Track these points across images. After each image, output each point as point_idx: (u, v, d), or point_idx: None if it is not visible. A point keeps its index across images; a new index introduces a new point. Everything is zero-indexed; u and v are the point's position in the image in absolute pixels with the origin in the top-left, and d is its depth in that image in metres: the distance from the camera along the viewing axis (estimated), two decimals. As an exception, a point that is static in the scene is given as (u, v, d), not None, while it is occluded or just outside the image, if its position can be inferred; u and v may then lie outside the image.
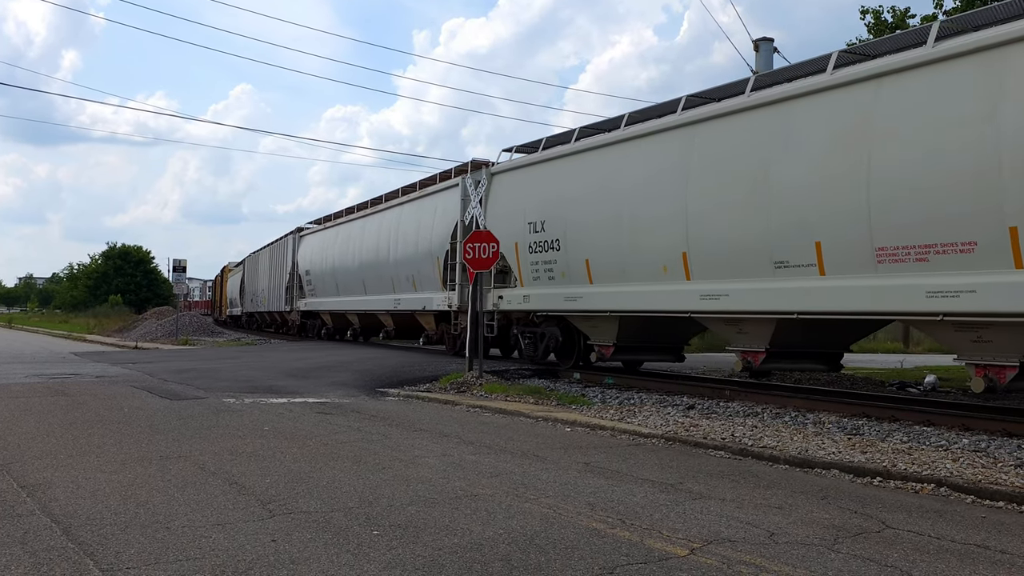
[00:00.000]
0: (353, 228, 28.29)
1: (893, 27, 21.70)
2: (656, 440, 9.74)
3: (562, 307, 15.97)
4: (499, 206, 17.84)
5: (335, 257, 29.54)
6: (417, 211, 22.61)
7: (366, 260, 26.26)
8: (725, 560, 5.03)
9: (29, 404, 12.35)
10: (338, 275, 29.22)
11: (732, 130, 12.44)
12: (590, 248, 15.10)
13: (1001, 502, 6.73)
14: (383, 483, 7.07)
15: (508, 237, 16.76)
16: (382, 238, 25.00)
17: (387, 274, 24.37)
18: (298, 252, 34.52)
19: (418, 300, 22.06)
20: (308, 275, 32.91)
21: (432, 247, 21.08)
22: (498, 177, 18.26)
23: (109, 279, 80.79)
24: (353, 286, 27.59)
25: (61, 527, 5.55)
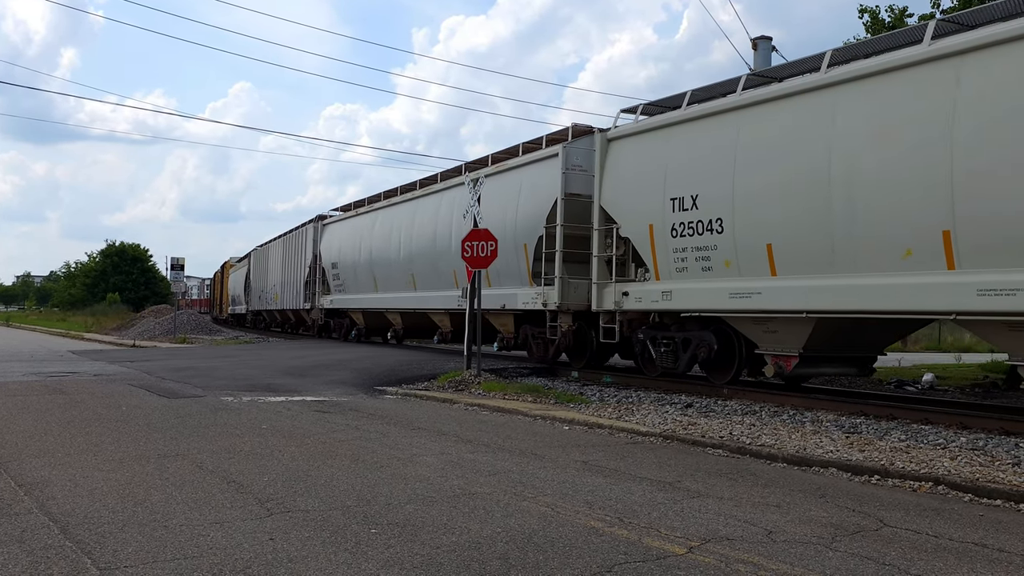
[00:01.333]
0: (398, 213, 24.18)
1: (890, 26, 21.70)
2: (654, 438, 9.74)
3: (724, 306, 12.72)
4: (621, 180, 14.73)
5: (373, 247, 25.57)
6: (493, 189, 18.41)
7: (418, 250, 22.42)
8: (723, 558, 5.04)
9: (27, 402, 12.34)
10: (377, 268, 25.37)
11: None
12: (773, 229, 11.85)
13: (999, 500, 6.74)
14: (381, 481, 7.06)
15: (636, 218, 14.30)
16: (441, 224, 20.95)
17: (447, 266, 20.35)
18: (320, 243, 30.73)
19: (494, 297, 18.10)
20: (335, 268, 29.10)
21: (517, 233, 17.38)
22: (619, 144, 15.01)
23: (107, 277, 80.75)
24: (397, 281, 23.76)
25: (59, 525, 5.54)
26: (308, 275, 31.93)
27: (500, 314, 18.63)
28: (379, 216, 25.70)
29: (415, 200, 23.27)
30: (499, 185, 18.29)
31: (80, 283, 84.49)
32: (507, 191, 18.08)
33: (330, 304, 30.02)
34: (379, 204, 26.15)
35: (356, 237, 27.23)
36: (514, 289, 17.66)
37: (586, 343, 16.45)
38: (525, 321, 17.93)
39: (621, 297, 14.70)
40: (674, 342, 14.09)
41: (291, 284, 34.63)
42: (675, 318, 14.10)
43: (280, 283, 36.73)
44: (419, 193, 23.12)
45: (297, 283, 33.45)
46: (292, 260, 34.62)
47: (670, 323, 14.29)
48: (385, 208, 25.48)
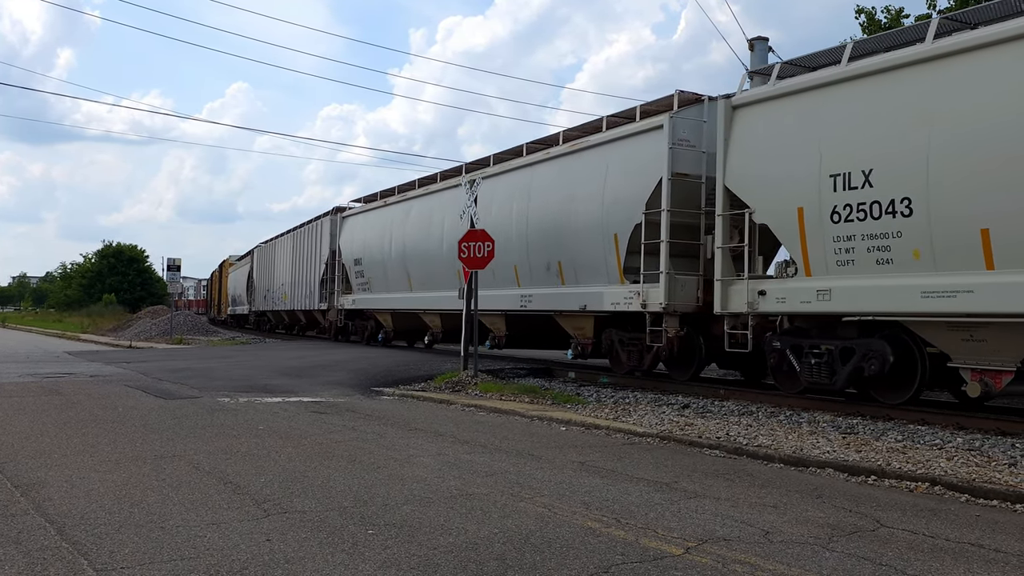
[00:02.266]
0: (440, 202, 21.09)
1: (887, 27, 21.75)
2: (651, 439, 9.75)
3: (912, 308, 10.24)
4: (754, 154, 12.21)
5: (407, 241, 22.61)
6: (569, 171, 16.17)
7: None
8: (720, 559, 5.04)
9: (23, 403, 12.31)
10: (412, 264, 22.48)
11: None
12: (992, 209, 9.39)
13: (995, 501, 6.76)
14: (378, 482, 7.06)
15: (777, 200, 11.80)
16: (500, 213, 18.21)
17: (506, 261, 17.62)
18: (340, 237, 28.03)
19: (571, 297, 15.85)
20: (358, 265, 26.26)
21: (605, 220, 14.95)
22: (749, 112, 12.42)
23: (103, 278, 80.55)
24: (438, 278, 20.76)
25: (55, 527, 5.53)
26: (324, 273, 29.34)
27: (575, 316, 16.17)
28: (414, 206, 22.71)
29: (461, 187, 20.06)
30: (573, 166, 15.95)
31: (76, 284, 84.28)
32: (586, 172, 15.57)
33: (351, 304, 27.26)
34: (413, 193, 23.12)
35: (385, 230, 24.31)
36: (597, 287, 15.16)
37: (692, 351, 14.08)
38: (608, 325, 15.51)
39: (756, 297, 12.08)
40: (829, 353, 11.38)
41: (303, 283, 32.11)
42: (818, 322, 11.80)
43: (290, 282, 34.31)
44: (440, 187, 21.04)
45: (310, 282, 30.98)
46: (304, 257, 32.15)
47: (809, 327, 11.97)
48: (423, 196, 22.40)
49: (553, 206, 16.41)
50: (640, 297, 13.99)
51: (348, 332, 29.02)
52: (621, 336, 15.24)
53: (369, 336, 26.87)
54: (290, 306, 34.31)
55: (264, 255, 40.00)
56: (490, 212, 17.61)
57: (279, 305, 36.30)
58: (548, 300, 16.68)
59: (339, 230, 28.22)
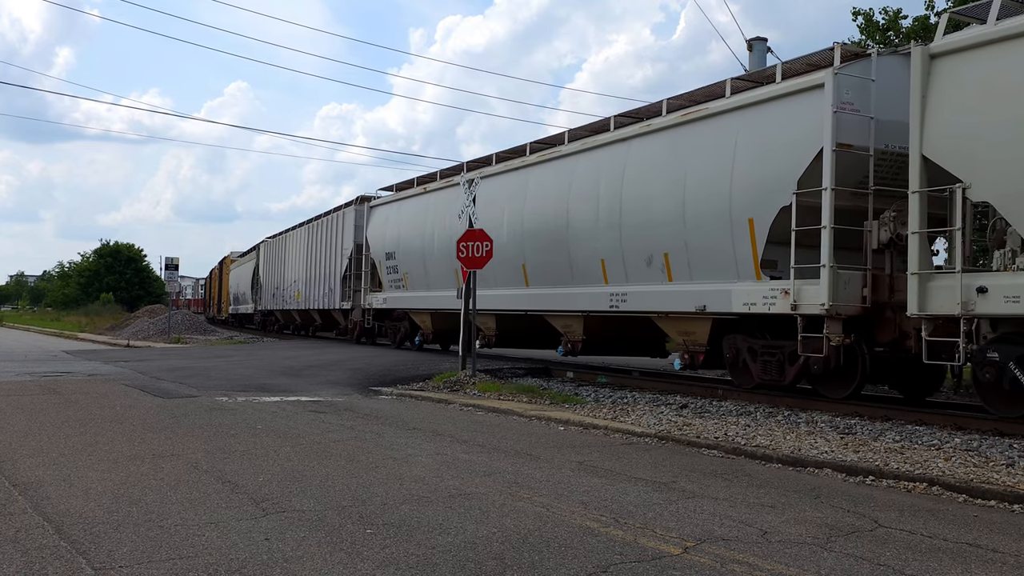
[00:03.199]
0: (496, 187, 18.42)
1: (885, 28, 21.76)
2: (649, 439, 9.75)
3: None
4: (969, 117, 9.81)
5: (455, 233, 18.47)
6: (680, 145, 13.59)
7: (535, 234, 17.00)
8: (718, 559, 5.04)
9: (21, 402, 12.30)
10: None
11: None
12: None
13: (993, 501, 6.77)
14: (376, 482, 7.06)
15: (1007, 172, 9.49)
16: (580, 196, 15.68)
17: (588, 253, 15.38)
18: (367, 228, 25.32)
19: (682, 296, 13.39)
20: (391, 260, 23.49)
21: (735, 203, 12.39)
22: (959, 62, 10.02)
23: (100, 277, 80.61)
24: (495, 274, 17.83)
25: (53, 525, 5.53)
26: (347, 269, 26.83)
27: (685, 319, 13.68)
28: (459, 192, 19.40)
29: (528, 168, 17.72)
30: (686, 138, 13.41)
31: (74, 283, 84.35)
32: (704, 146, 13.09)
33: (382, 303, 24.46)
34: (460, 178, 19.87)
35: (425, 220, 21.51)
36: (722, 284, 12.68)
37: (852, 363, 11.52)
38: (730, 329, 13.10)
39: (973, 296, 9.63)
40: None
41: (321, 280, 29.57)
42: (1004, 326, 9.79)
43: (304, 279, 31.79)
44: (534, 159, 17.68)
45: (330, 278, 28.45)
46: (322, 252, 29.58)
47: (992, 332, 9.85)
48: (484, 179, 19.29)
49: (657, 187, 13.83)
50: (789, 296, 11.52)
51: (374, 334, 26.65)
52: (752, 344, 12.66)
53: (402, 339, 24.12)
54: (304, 305, 31.95)
55: (272, 251, 37.80)
56: (567, 197, 15.90)
57: (290, 304, 34.12)
58: (649, 299, 14.17)
59: (366, 221, 25.53)
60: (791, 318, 11.64)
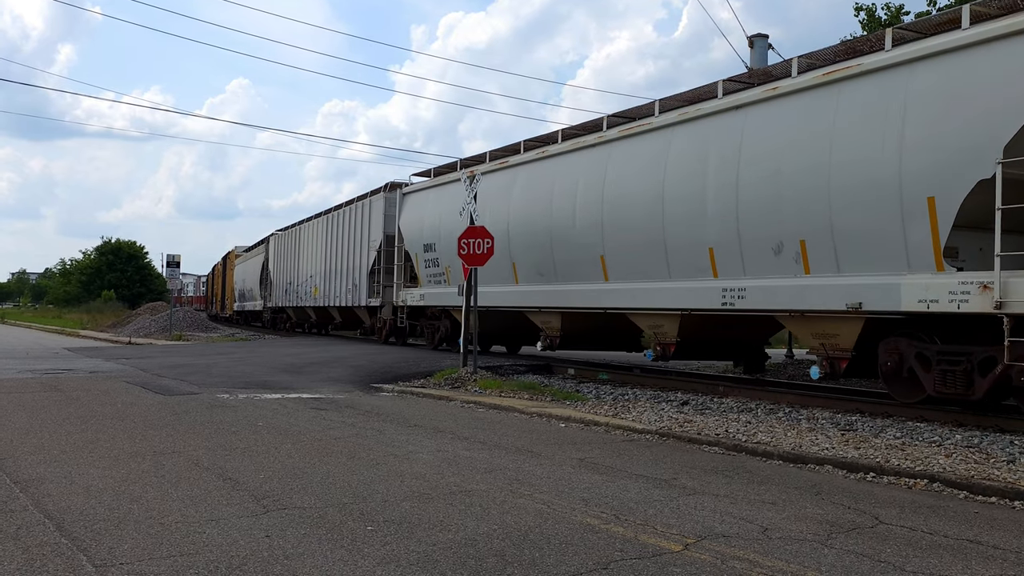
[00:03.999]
0: (569, 167, 16.31)
1: (887, 24, 21.74)
2: (650, 436, 9.76)
3: None
4: None
5: (514, 220, 17.74)
6: (823, 111, 11.33)
7: (616, 220, 14.79)
8: (719, 556, 5.04)
9: (22, 400, 12.32)
10: (520, 249, 17.53)
11: None
12: None
13: (994, 497, 6.76)
14: (377, 479, 7.06)
15: None
16: (680, 176, 13.37)
17: (690, 241, 13.18)
18: (400, 218, 23.21)
19: (827, 291, 11.13)
20: (430, 252, 21.34)
21: (906, 176, 10.20)
22: None
23: (102, 274, 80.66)
24: (569, 266, 16.02)
25: (54, 523, 5.54)
26: (374, 262, 24.88)
27: (824, 319, 11.48)
28: (520, 174, 18.00)
29: (607, 146, 15.35)
30: (830, 104, 11.24)
31: (75, 280, 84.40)
32: (856, 110, 10.91)
33: (419, 300, 22.09)
34: (517, 159, 18.25)
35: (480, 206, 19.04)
36: (886, 276, 10.49)
37: None
38: (886, 331, 11.02)
39: None
40: None
41: (343, 274, 27.62)
42: None
43: (322, 273, 29.87)
44: (614, 135, 15.20)
45: (354, 273, 26.60)
46: (344, 244, 27.66)
47: None
48: (536, 162, 17.51)
49: (789, 162, 11.61)
50: (991, 292, 9.30)
51: (405, 334, 24.43)
52: (923, 349, 10.44)
53: (440, 339, 21.95)
54: (322, 302, 29.93)
55: (284, 244, 35.95)
56: (661, 178, 13.65)
57: (306, 301, 32.20)
58: (777, 295, 11.85)
59: (398, 210, 23.30)
60: (985, 319, 9.49)
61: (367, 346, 24.40)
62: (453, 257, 18.58)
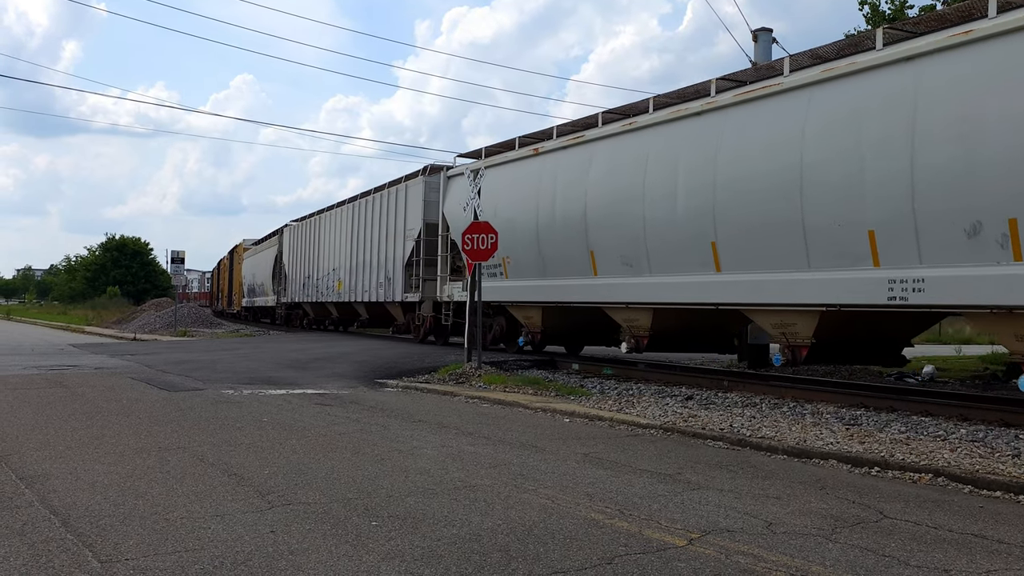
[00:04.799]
0: (677, 137, 13.79)
1: (891, 18, 21.66)
2: (654, 431, 9.76)
3: None
4: None
5: (592, 203, 15.47)
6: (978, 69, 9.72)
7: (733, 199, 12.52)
8: (723, 550, 5.04)
9: (27, 396, 12.35)
10: (600, 237, 15.32)
11: None
12: None
13: (998, 492, 6.75)
14: (382, 474, 7.07)
15: None
16: (825, 142, 11.24)
17: (839, 222, 11.04)
18: (445, 204, 20.68)
19: None
20: None
21: None
22: None
23: (107, 271, 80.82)
24: (667, 256, 13.88)
25: (60, 518, 5.55)
26: (411, 254, 22.75)
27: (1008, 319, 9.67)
28: (599, 151, 15.51)
29: (720, 112, 12.98)
30: None
31: (80, 277, 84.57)
32: None
33: (461, 295, 19.68)
34: (593, 133, 15.75)
35: (540, 189, 16.93)
36: None
37: None
38: None
39: None
40: None
41: (373, 267, 25.49)
42: None
43: (347, 267, 27.86)
44: (728, 100, 12.82)
45: (386, 266, 24.45)
46: (374, 234, 25.55)
47: None
48: (621, 135, 15.02)
49: (992, 110, 9.49)
50: None
51: (447, 332, 21.92)
52: None
53: (495, 339, 19.47)
54: (347, 297, 27.91)
55: (301, 235, 33.87)
56: (798, 146, 11.55)
57: (328, 296, 30.17)
58: (976, 288, 9.74)
59: (442, 195, 20.84)
60: None
61: (372, 342, 24.41)
62: (513, 246, 17.43)
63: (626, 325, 15.44)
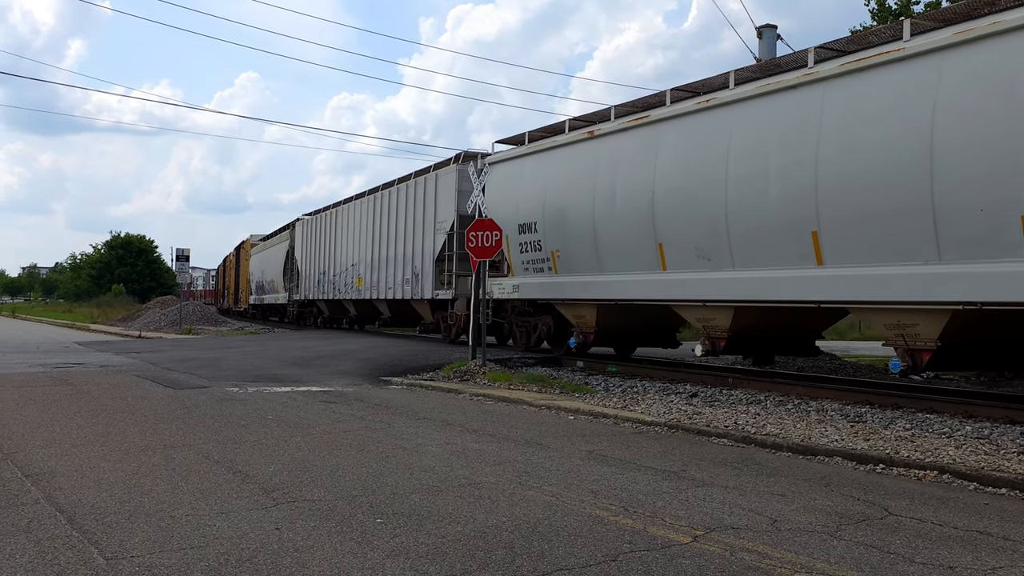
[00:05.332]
0: (767, 117, 12.05)
1: (897, 14, 21.60)
2: (659, 428, 9.75)
3: None
4: None
5: (661, 190, 13.60)
6: None
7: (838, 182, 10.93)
8: (728, 547, 5.04)
9: (33, 393, 12.38)
10: (672, 227, 13.50)
11: None
12: None
13: (1004, 489, 6.74)
14: (386, 471, 7.08)
15: None
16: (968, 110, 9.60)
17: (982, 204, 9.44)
18: (486, 193, 18.30)
19: None
20: (528, 233, 16.99)
21: None
22: None
23: (112, 269, 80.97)
24: (753, 248, 12.19)
25: (65, 516, 5.57)
26: (443, 248, 21.23)
27: None
28: (669, 132, 13.67)
29: (819, 84, 11.29)
30: None
31: (85, 274, 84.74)
32: None
33: (511, 292, 17.82)
34: (662, 112, 13.85)
35: (596, 175, 15.19)
36: None
37: None
38: None
39: None
40: None
41: (398, 262, 23.88)
42: None
43: (368, 262, 26.28)
44: (830, 71, 11.15)
45: (415, 261, 22.78)
46: (401, 227, 23.95)
47: None
48: (696, 114, 13.20)
49: None
50: None
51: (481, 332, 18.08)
52: None
53: (541, 339, 17.98)
54: (368, 294, 26.39)
55: (315, 229, 32.34)
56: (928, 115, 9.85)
57: (347, 293, 28.54)
58: None
59: (480, 184, 18.68)
60: None
61: (377, 339, 24.43)
62: (564, 238, 15.98)
63: (700, 325, 13.69)
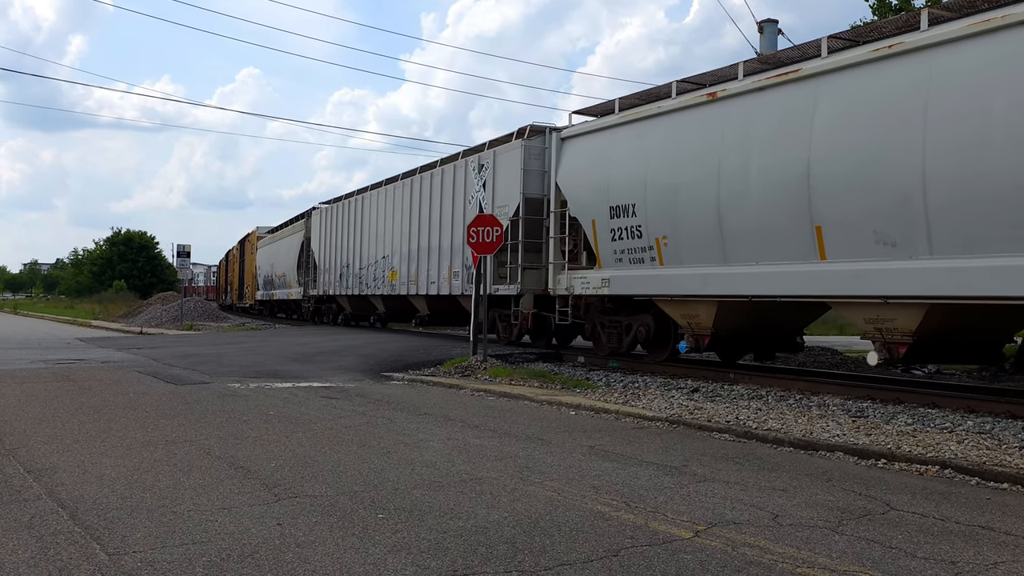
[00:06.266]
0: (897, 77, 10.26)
1: (897, 9, 21.57)
2: (660, 423, 9.75)
3: None
4: None
5: (818, 161, 11.12)
6: None
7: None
8: (729, 542, 5.04)
9: (35, 390, 12.39)
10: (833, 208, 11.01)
11: None
12: None
13: (1005, 484, 6.74)
14: (388, 467, 7.08)
15: None
16: None
17: None
18: (559, 171, 16.56)
19: None
20: (622, 217, 14.63)
21: None
22: None
23: (113, 265, 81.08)
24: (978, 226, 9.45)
25: (68, 511, 5.57)
26: (506, 236, 16.88)
27: None
28: (823, 91, 11.23)
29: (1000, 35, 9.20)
30: None
31: (87, 271, 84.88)
32: None
33: (601, 287, 15.36)
34: (815, 66, 11.37)
35: (722, 148, 12.62)
36: None
37: None
38: None
39: None
40: None
41: (443, 253, 21.07)
42: None
43: (404, 253, 23.39)
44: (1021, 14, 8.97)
45: (464, 251, 19.48)
46: (447, 214, 20.94)
47: None
48: (866, 64, 10.70)
49: None
50: None
51: (550, 332, 17.86)
52: None
53: (637, 341, 15.57)
54: (404, 290, 23.46)
55: (336, 219, 29.56)
56: None
57: (375, 288, 25.72)
58: None
59: (553, 162, 16.78)
60: None
61: (378, 335, 24.42)
62: (674, 222, 13.55)
63: (872, 327, 11.03)
